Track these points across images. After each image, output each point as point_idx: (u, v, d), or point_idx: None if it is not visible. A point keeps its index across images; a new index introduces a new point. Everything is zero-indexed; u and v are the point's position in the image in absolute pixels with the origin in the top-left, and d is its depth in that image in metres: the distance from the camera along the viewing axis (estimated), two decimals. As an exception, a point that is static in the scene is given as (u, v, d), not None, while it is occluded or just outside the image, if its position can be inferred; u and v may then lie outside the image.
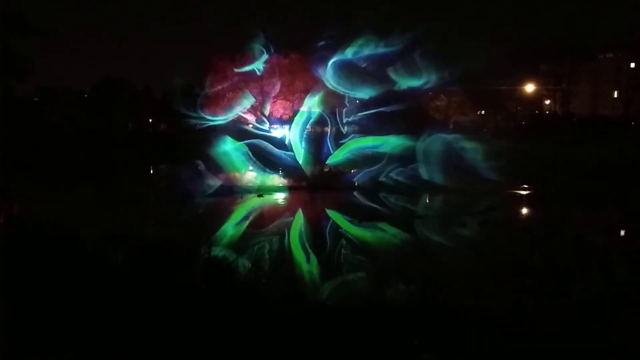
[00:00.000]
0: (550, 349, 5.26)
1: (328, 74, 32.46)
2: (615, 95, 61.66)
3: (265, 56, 34.54)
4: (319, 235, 18.10)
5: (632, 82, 56.83)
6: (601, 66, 64.17)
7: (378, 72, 32.93)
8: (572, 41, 52.34)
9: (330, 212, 24.11)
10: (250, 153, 32.55)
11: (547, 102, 59.54)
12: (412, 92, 33.72)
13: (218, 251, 10.90)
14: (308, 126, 35.04)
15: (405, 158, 30.72)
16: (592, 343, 5.41)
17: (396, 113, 31.93)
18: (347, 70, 32.49)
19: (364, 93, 33.45)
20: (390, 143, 31.39)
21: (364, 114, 33.29)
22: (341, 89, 33.05)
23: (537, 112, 58.30)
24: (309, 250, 15.31)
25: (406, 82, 32.60)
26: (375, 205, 25.04)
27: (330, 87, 32.98)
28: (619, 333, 5.82)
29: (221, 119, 34.77)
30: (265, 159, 32.90)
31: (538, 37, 53.35)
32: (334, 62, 32.26)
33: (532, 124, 48.15)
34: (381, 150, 31.51)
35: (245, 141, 32.95)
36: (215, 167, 30.59)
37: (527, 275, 10.79)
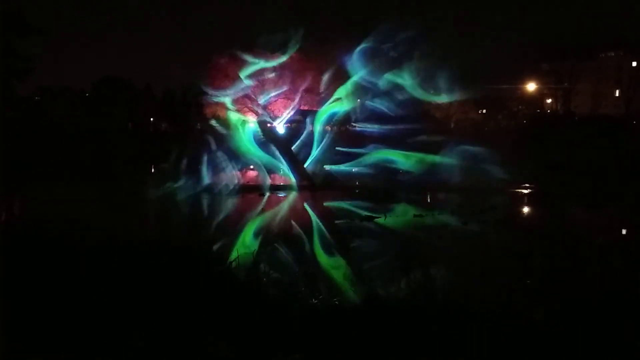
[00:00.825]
0: (549, 349, 5.23)
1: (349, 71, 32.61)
2: (617, 94, 61.58)
3: (267, 55, 34.52)
4: (317, 234, 18.06)
5: (633, 81, 56.78)
6: (602, 65, 64.09)
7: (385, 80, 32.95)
8: (574, 40, 52.37)
9: (331, 211, 24.09)
10: (251, 152, 32.55)
11: (549, 101, 59.56)
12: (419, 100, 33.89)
13: (219, 250, 10.89)
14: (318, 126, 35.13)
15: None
16: (592, 343, 5.39)
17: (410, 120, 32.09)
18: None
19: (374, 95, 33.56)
20: (414, 158, 31.33)
21: (379, 126, 33.33)
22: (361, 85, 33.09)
23: (538, 111, 58.30)
24: (307, 248, 15.28)
25: (413, 89, 32.60)
26: (376, 204, 24.99)
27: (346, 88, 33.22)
28: (618, 333, 5.78)
29: (222, 119, 34.76)
30: (266, 158, 32.90)
31: (540, 36, 53.36)
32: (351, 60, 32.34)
33: (534, 123, 48.07)
34: (403, 165, 31.47)
35: (247, 140, 32.94)
36: (216, 166, 30.57)
37: (525, 275, 10.75)
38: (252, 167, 33.14)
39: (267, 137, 33.25)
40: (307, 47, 34.25)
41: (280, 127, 36.38)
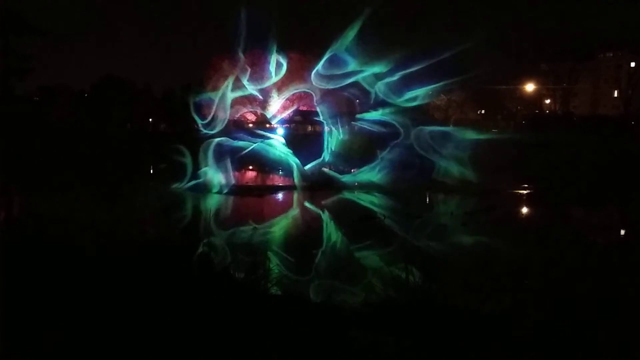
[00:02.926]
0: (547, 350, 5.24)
1: (327, 73, 32.34)
2: (616, 94, 61.65)
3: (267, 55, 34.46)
4: (313, 235, 18.05)
5: (632, 81, 56.89)
6: (601, 65, 64.16)
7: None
8: (573, 40, 52.50)
9: (327, 212, 24.06)
10: (250, 152, 32.50)
11: (548, 101, 59.63)
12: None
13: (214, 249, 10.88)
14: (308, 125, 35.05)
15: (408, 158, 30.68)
16: (590, 344, 5.40)
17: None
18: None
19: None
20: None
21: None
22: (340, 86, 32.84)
23: (537, 111, 58.37)
24: (304, 249, 15.27)
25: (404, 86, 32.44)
26: (373, 205, 25.02)
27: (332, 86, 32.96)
28: (617, 334, 5.80)
29: (221, 118, 34.71)
30: (265, 158, 32.87)
31: (539, 36, 53.44)
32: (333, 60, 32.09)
33: (533, 123, 48.13)
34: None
35: (246, 140, 32.90)
36: (215, 166, 30.52)
37: (524, 275, 10.76)
38: (250, 167, 33.12)
39: (265, 138, 33.24)
40: (306, 47, 34.31)
41: (279, 127, 36.42)
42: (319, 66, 31.78)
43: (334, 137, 33.42)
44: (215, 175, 29.54)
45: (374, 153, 31.76)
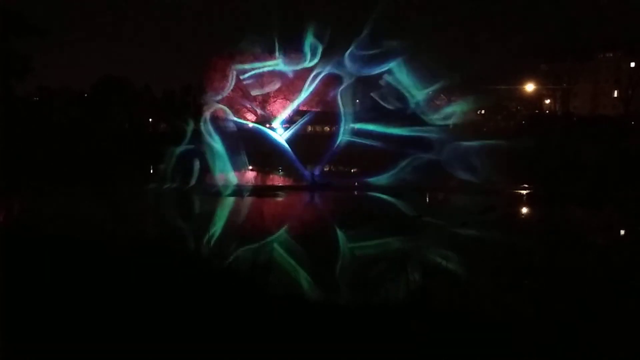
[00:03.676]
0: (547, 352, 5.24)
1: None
2: (615, 94, 61.60)
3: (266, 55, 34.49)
4: (312, 236, 18.04)
5: (631, 81, 56.87)
6: (601, 65, 64.08)
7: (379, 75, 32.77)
8: (572, 41, 52.49)
9: (327, 213, 24.07)
10: (250, 152, 32.50)
11: (547, 101, 59.64)
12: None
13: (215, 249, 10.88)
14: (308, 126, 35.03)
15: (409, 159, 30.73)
16: (589, 345, 5.40)
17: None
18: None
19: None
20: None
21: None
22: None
23: (537, 111, 58.36)
24: (305, 249, 15.26)
25: (406, 86, 32.47)
26: (373, 206, 25.03)
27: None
28: (617, 335, 5.79)
29: (221, 119, 34.75)
30: (265, 158, 32.87)
31: (538, 37, 53.50)
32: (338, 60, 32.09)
33: (532, 123, 48.10)
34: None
35: (245, 140, 32.90)
36: (214, 167, 30.51)
37: (526, 276, 10.76)
38: (250, 167, 33.09)
39: (266, 138, 33.27)
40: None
41: (279, 128, 36.40)
42: (352, 48, 31.53)
43: (343, 134, 33.25)
44: (228, 173, 29.31)
45: (379, 155, 31.81)
